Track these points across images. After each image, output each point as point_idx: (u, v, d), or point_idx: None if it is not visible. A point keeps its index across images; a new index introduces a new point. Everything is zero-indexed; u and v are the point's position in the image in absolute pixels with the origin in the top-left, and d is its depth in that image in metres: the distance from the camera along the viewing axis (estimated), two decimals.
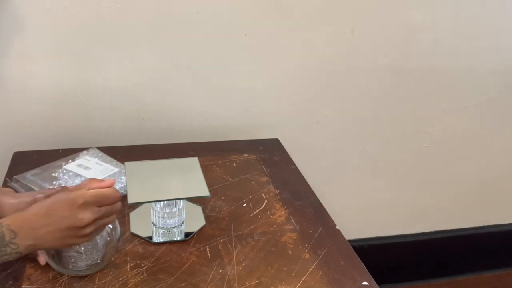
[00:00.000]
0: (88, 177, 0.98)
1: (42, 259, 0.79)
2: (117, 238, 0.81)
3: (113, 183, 0.73)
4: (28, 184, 0.97)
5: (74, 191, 0.70)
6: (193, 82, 1.23)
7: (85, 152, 1.09)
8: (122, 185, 0.99)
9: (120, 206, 0.74)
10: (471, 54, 1.38)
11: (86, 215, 0.69)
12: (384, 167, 1.50)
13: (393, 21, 1.28)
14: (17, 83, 1.12)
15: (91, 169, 1.01)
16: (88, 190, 0.70)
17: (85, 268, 0.78)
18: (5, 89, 1.12)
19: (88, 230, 0.70)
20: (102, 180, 0.73)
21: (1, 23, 1.06)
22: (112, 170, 1.02)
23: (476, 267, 1.77)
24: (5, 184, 1.00)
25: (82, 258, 0.78)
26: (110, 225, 0.79)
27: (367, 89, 1.35)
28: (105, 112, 1.20)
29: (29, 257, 0.81)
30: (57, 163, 1.05)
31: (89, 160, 1.05)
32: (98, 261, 0.79)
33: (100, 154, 1.08)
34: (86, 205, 0.68)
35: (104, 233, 0.79)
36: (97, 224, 0.71)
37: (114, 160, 1.06)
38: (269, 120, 1.33)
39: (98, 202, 0.70)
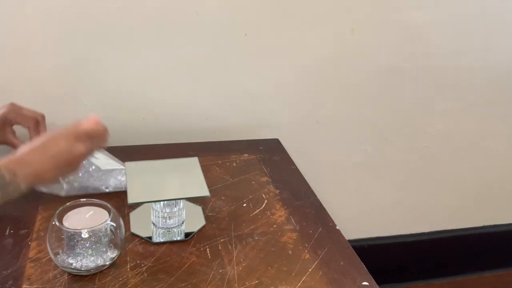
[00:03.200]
0: (97, 163, 1.00)
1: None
2: (122, 237, 0.81)
3: (98, 119, 0.79)
4: None
5: (67, 127, 0.76)
6: (193, 82, 1.23)
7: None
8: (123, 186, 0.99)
9: (107, 140, 0.81)
10: (471, 54, 1.38)
11: (81, 148, 0.75)
12: (384, 167, 1.50)
13: (393, 21, 1.28)
14: (17, 82, 1.12)
15: (100, 160, 1.02)
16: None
17: (89, 267, 0.78)
18: (5, 89, 1.12)
19: (81, 160, 0.76)
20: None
21: (1, 23, 1.06)
22: (119, 166, 1.02)
23: (476, 267, 1.77)
24: None
25: (87, 255, 0.78)
26: (114, 224, 0.80)
27: (367, 89, 1.35)
28: (105, 112, 1.20)
29: (29, 257, 0.82)
30: None
31: (98, 158, 1.05)
32: (102, 262, 0.79)
33: (107, 154, 1.08)
34: (79, 138, 0.75)
35: (109, 231, 0.79)
36: (89, 155, 0.78)
37: (119, 160, 1.06)
38: (269, 120, 1.33)
39: (89, 136, 0.76)
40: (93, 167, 0.99)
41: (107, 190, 0.99)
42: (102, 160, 1.02)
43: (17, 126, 0.98)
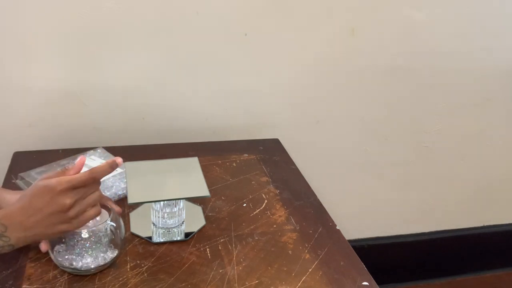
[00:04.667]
0: None
1: (44, 247, 0.81)
2: (122, 237, 0.81)
3: (84, 161, 0.76)
4: (33, 182, 0.97)
5: (50, 178, 0.72)
6: (193, 82, 1.23)
7: (91, 151, 1.08)
8: (123, 186, 0.99)
9: (99, 186, 0.76)
10: (471, 54, 1.38)
11: (66, 200, 0.71)
12: (384, 167, 1.50)
13: (393, 21, 1.28)
14: (18, 83, 1.12)
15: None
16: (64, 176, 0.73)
17: (89, 267, 0.78)
18: (6, 89, 1.12)
19: (72, 212, 0.72)
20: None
21: (1, 23, 1.06)
22: (116, 171, 1.02)
23: (476, 267, 1.77)
24: (9, 182, 1.00)
25: (87, 255, 0.78)
26: (114, 224, 0.80)
27: (367, 89, 1.35)
28: (105, 112, 1.20)
29: (29, 257, 0.82)
30: (62, 161, 1.05)
31: (94, 160, 1.05)
32: (102, 262, 0.79)
33: (106, 155, 1.08)
34: (63, 190, 0.71)
35: (109, 231, 0.79)
36: (82, 205, 0.73)
37: None
38: (269, 120, 1.33)
39: (74, 186, 0.71)
40: None
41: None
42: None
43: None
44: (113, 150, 1.11)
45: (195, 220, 0.94)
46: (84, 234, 0.77)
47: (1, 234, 0.69)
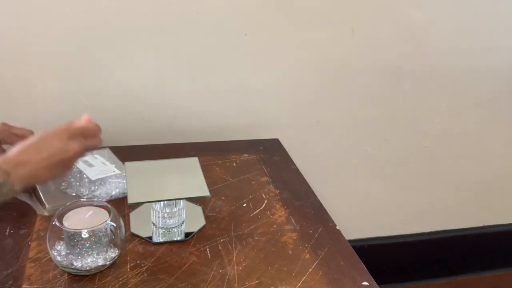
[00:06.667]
0: (88, 174, 0.99)
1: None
2: (122, 237, 0.81)
3: (90, 117, 0.79)
4: None
5: (59, 127, 0.76)
6: (193, 82, 1.23)
7: (98, 151, 1.08)
8: (116, 186, 0.99)
9: (101, 139, 0.80)
10: (471, 54, 1.38)
11: (75, 145, 0.74)
12: (384, 167, 1.50)
13: (393, 21, 1.28)
14: (18, 83, 1.12)
15: (93, 167, 1.01)
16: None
17: (89, 267, 0.78)
18: (6, 89, 1.12)
19: (75, 159, 0.76)
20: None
21: (1, 24, 1.06)
22: (114, 172, 1.02)
23: (476, 267, 1.77)
24: None
25: (87, 255, 0.78)
26: (114, 224, 0.80)
27: (367, 89, 1.35)
28: (105, 112, 1.20)
29: (29, 257, 0.82)
30: None
31: (96, 158, 1.05)
32: (102, 262, 0.79)
33: (110, 155, 1.08)
34: (73, 137, 0.75)
35: (109, 231, 0.79)
36: (83, 153, 0.77)
37: (120, 162, 1.06)
38: (269, 120, 1.33)
39: (83, 134, 0.76)
40: (84, 177, 0.99)
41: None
42: (95, 168, 1.01)
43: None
44: (113, 150, 1.11)
45: (195, 220, 0.94)
46: (84, 234, 0.77)
47: (4, 181, 0.67)
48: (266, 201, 1.03)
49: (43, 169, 0.71)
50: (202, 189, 0.85)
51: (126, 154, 1.08)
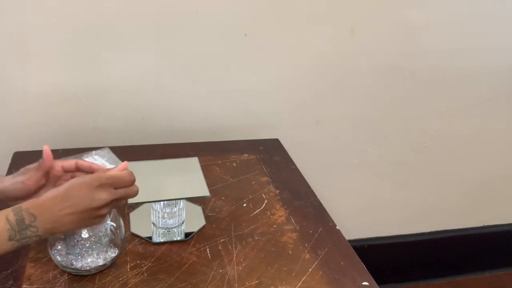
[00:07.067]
0: None
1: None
2: (122, 237, 0.81)
3: (127, 166, 0.75)
4: None
5: (90, 175, 0.72)
6: (193, 82, 1.23)
7: (98, 151, 1.08)
8: None
9: (136, 189, 0.75)
10: (471, 54, 1.38)
11: (103, 196, 0.70)
12: (384, 167, 1.50)
13: (393, 21, 1.28)
14: (17, 83, 1.12)
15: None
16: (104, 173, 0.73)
17: (89, 267, 0.78)
18: (5, 89, 1.12)
19: (104, 210, 0.72)
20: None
21: (1, 23, 1.06)
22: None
23: (476, 267, 1.77)
24: None
25: (87, 255, 0.78)
26: (114, 224, 0.80)
27: (367, 89, 1.35)
28: (105, 112, 1.20)
29: (29, 257, 0.82)
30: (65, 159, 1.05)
31: (96, 160, 1.05)
32: (102, 262, 0.79)
33: (110, 155, 1.08)
34: (102, 186, 0.70)
35: (109, 231, 0.79)
36: (113, 205, 0.73)
37: (120, 162, 1.05)
38: (269, 120, 1.33)
39: (113, 184, 0.72)
40: None
41: None
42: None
43: None
44: (113, 150, 1.11)
45: (195, 220, 0.94)
46: (84, 234, 0.77)
47: (29, 224, 0.67)
48: (266, 201, 1.03)
49: (67, 217, 0.69)
50: (202, 189, 0.85)
51: (126, 154, 1.08)
